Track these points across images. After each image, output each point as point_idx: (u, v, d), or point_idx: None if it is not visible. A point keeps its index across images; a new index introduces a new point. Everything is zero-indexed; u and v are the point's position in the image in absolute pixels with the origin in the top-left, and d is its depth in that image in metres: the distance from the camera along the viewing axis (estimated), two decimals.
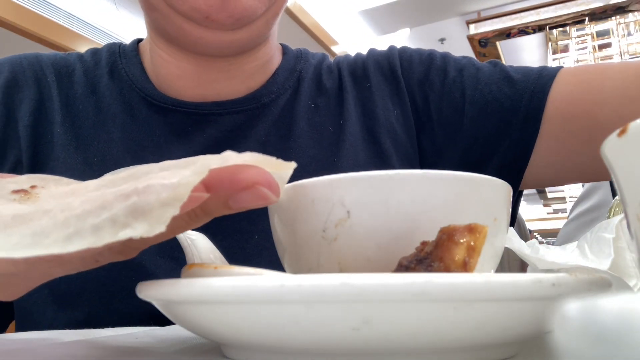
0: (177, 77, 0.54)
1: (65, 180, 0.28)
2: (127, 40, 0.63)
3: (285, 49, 0.62)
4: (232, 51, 0.52)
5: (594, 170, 0.52)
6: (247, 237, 0.50)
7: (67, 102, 0.54)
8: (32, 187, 0.26)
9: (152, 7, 0.49)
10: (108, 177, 0.24)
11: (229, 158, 0.22)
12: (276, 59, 0.59)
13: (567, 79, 0.51)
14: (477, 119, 0.54)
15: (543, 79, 0.52)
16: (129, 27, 3.27)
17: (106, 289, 0.47)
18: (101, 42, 3.25)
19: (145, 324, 0.44)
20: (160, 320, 0.38)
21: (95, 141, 0.52)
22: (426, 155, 0.56)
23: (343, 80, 0.59)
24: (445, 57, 0.58)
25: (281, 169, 0.25)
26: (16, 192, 0.26)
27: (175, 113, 0.54)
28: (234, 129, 0.54)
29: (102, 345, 0.29)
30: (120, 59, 0.57)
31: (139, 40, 0.60)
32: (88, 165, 0.51)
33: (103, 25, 3.29)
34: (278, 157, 0.23)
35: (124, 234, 0.18)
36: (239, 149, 0.55)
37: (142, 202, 0.19)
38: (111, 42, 0.62)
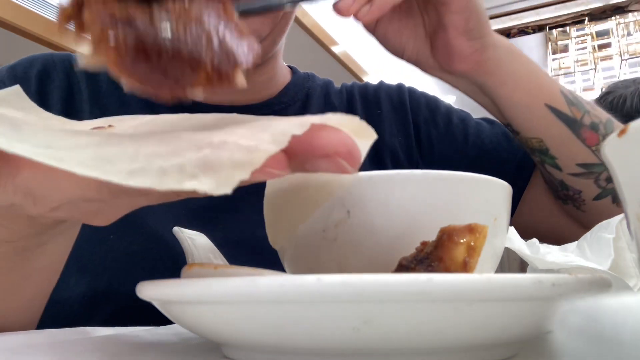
0: None
1: (141, 116, 0.29)
2: None
3: (294, 70, 0.67)
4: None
5: (563, 236, 0.58)
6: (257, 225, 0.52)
7: (94, 95, 0.58)
8: (110, 126, 0.27)
9: None
10: (187, 116, 0.23)
11: (309, 122, 0.20)
12: (286, 76, 0.64)
13: None
14: (476, 161, 0.60)
15: None
16: None
17: (127, 259, 0.49)
18: None
19: (145, 324, 0.44)
20: (160, 320, 0.38)
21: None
22: None
23: (354, 101, 0.65)
24: (448, 106, 0.66)
25: (361, 135, 0.23)
26: (95, 128, 0.26)
27: (193, 112, 0.58)
28: None
29: (102, 345, 0.29)
30: None
31: None
32: None
33: None
34: None
35: (189, 185, 0.18)
36: None
37: (214, 157, 0.18)
38: None
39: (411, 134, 0.63)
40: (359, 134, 0.22)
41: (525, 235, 0.59)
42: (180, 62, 0.21)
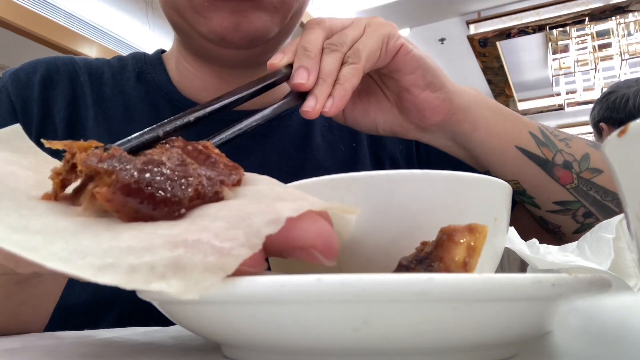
0: (201, 88, 0.59)
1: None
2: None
3: None
4: (250, 64, 0.56)
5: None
6: None
7: (98, 99, 0.58)
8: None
9: (178, 27, 0.54)
10: None
11: (284, 218, 0.20)
12: None
13: None
14: None
15: None
16: (129, 28, 3.27)
17: None
18: (101, 42, 3.24)
19: (145, 324, 0.44)
20: (160, 320, 0.38)
21: (124, 136, 0.55)
22: None
23: None
24: None
25: (345, 210, 0.24)
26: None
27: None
28: (253, 136, 0.58)
29: (102, 345, 0.29)
30: (146, 65, 0.62)
31: (162, 51, 0.65)
32: None
33: (103, 25, 3.28)
34: (294, 166, 0.23)
35: (156, 286, 0.18)
36: (257, 155, 0.58)
37: (186, 258, 0.18)
38: (136, 51, 0.67)
39: (412, 143, 0.64)
40: (343, 209, 0.23)
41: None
42: (170, 201, 0.22)
